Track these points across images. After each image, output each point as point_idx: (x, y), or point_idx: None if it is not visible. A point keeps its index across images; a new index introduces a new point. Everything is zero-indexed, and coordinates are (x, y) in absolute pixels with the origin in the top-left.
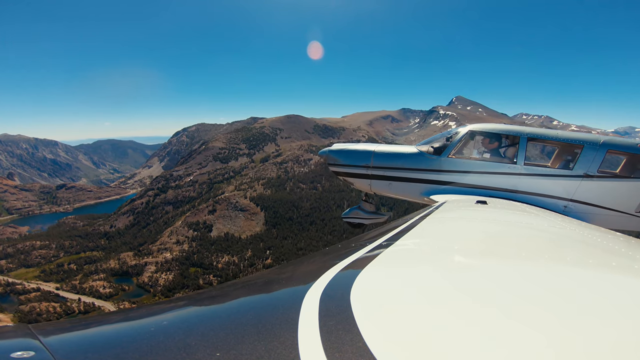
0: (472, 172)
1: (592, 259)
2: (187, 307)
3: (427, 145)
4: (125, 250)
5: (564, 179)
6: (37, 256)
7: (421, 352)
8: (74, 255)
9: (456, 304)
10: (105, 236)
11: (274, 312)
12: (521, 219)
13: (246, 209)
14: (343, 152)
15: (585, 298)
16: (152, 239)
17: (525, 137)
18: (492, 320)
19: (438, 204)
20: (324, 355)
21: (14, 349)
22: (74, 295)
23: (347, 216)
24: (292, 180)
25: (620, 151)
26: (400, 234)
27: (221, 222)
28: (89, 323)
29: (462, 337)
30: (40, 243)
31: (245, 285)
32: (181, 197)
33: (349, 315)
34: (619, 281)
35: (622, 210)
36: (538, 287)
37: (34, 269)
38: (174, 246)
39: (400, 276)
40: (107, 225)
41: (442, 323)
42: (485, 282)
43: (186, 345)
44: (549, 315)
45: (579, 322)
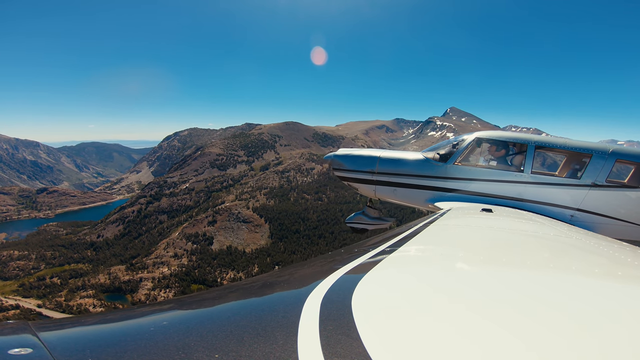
0: (478, 179)
1: (598, 269)
2: (187, 308)
3: (433, 152)
4: (116, 263)
5: (572, 188)
6: (15, 268)
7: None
8: (57, 268)
9: (458, 312)
10: (91, 246)
11: (274, 315)
12: (527, 227)
13: (249, 220)
14: (348, 157)
15: (591, 307)
16: (145, 251)
17: (533, 145)
18: (495, 329)
19: (443, 211)
20: (323, 359)
21: (12, 345)
22: (59, 314)
23: (351, 221)
24: (295, 190)
25: (630, 161)
26: (404, 240)
27: (222, 234)
28: (88, 321)
29: (463, 347)
30: (18, 253)
31: (246, 288)
32: (177, 206)
33: (350, 320)
34: (625, 291)
35: (630, 221)
36: (543, 296)
37: (11, 282)
38: (171, 260)
39: (402, 282)
40: (94, 235)
41: (443, 331)
42: (489, 290)
43: (185, 346)
44: (554, 325)
45: (585, 331)
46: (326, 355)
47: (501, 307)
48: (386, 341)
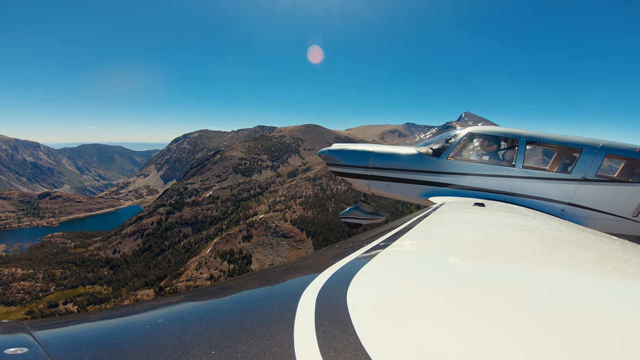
0: (471, 174)
1: (587, 262)
2: (183, 305)
3: (427, 147)
4: (140, 286)
5: (562, 182)
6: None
7: (416, 353)
8: (70, 290)
9: (452, 305)
10: (108, 264)
11: (270, 311)
12: (518, 221)
13: (289, 234)
14: (342, 152)
15: (581, 301)
16: (173, 272)
17: (524, 139)
18: (487, 321)
19: (436, 206)
20: (320, 355)
21: (8, 345)
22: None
23: (345, 216)
24: (332, 199)
25: (619, 155)
26: (398, 234)
27: (261, 251)
28: (84, 320)
29: (457, 339)
30: (22, 272)
31: (242, 284)
32: (202, 217)
33: (345, 315)
34: (614, 284)
35: (620, 215)
36: (534, 289)
37: (16, 309)
38: (207, 283)
39: (397, 277)
40: (109, 250)
41: (438, 324)
42: (481, 284)
43: (182, 343)
44: (544, 318)
45: (574, 324)
46: (322, 351)
47: (494, 300)
48: (381, 336)
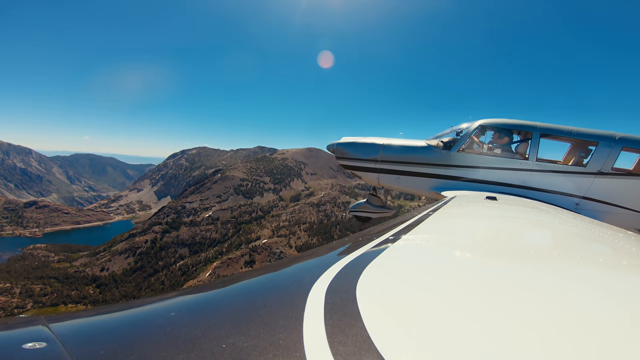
0: (482, 167)
1: (602, 258)
2: (194, 299)
3: (437, 140)
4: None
5: (577, 175)
6: None
7: (425, 348)
8: (49, 308)
9: (462, 300)
10: (94, 282)
11: (280, 305)
12: (531, 216)
13: None
14: (352, 145)
15: (595, 297)
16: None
17: (539, 132)
18: (497, 317)
19: (446, 199)
20: (329, 349)
21: (26, 339)
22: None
23: (355, 210)
24: (337, 226)
25: (636, 148)
26: (408, 229)
27: None
28: (99, 313)
29: (467, 334)
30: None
31: (251, 278)
32: (200, 238)
33: (354, 310)
34: (629, 280)
35: (637, 209)
36: (547, 285)
37: None
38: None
39: (406, 271)
40: (97, 267)
41: (447, 319)
42: (492, 279)
43: (193, 336)
44: (557, 314)
45: (588, 321)
46: (331, 344)
47: (505, 295)
48: (391, 330)
